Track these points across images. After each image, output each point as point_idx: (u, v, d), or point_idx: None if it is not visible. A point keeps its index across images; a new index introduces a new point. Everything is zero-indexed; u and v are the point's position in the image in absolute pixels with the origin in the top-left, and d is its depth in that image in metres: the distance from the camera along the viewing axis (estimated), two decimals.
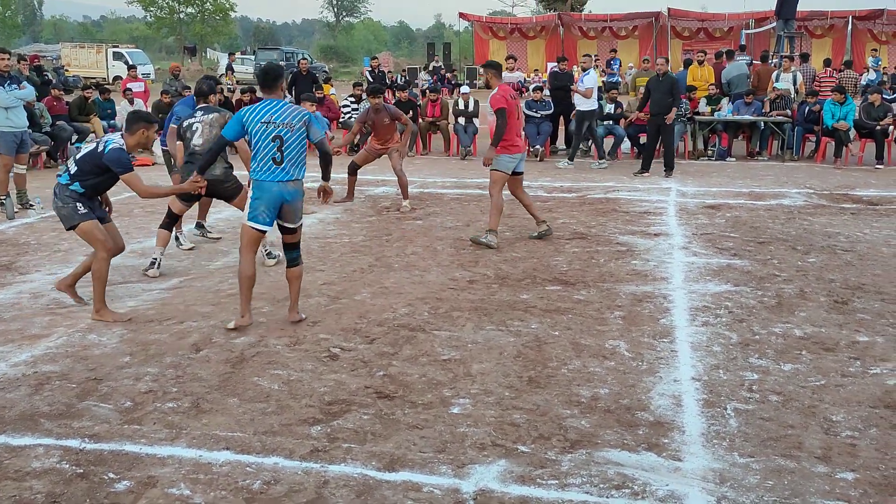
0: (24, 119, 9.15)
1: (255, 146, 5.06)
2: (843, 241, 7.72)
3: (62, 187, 5.46)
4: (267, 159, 5.04)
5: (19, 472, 3.46)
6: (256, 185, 5.10)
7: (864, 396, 4.24)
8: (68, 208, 5.43)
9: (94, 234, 5.45)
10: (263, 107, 5.09)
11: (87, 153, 5.45)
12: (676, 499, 3.27)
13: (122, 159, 5.35)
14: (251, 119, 5.05)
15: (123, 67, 32.13)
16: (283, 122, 5.04)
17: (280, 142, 5.02)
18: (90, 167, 5.41)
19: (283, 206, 5.15)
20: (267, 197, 5.09)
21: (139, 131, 5.54)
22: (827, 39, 33.92)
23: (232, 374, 4.52)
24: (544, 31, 37.50)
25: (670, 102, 11.49)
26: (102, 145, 5.38)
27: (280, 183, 5.08)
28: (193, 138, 6.64)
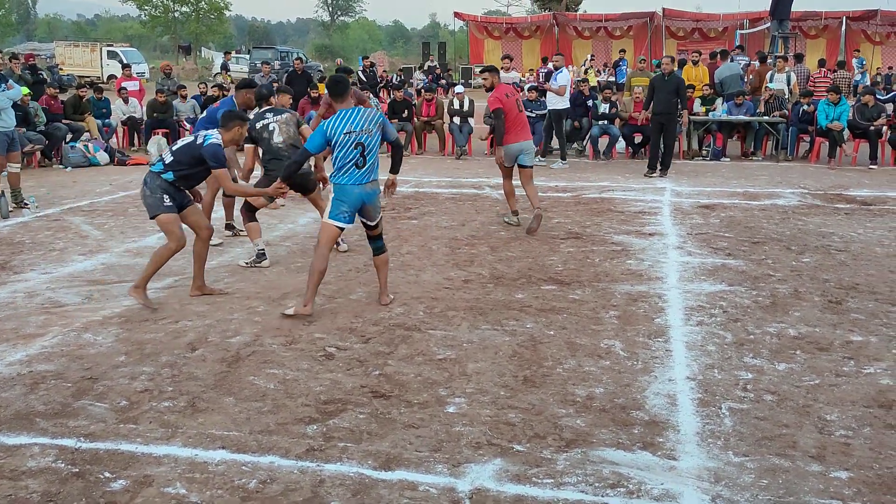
0: (13, 118, 9.20)
1: (339, 154, 5.37)
2: (837, 241, 7.75)
3: (154, 175, 5.67)
4: (350, 165, 5.38)
5: (15, 471, 3.46)
6: (339, 188, 5.42)
7: (858, 396, 4.26)
8: (155, 198, 5.63)
9: (172, 227, 5.66)
10: (343, 118, 5.38)
11: (185, 144, 5.68)
12: (671, 497, 3.28)
13: (218, 154, 5.59)
14: (334, 131, 5.34)
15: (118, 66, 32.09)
16: (364, 129, 5.38)
17: (363, 148, 5.37)
18: (186, 158, 5.62)
19: (364, 206, 5.51)
20: (350, 200, 5.43)
21: (234, 128, 5.77)
22: (821, 40, 34.03)
23: (228, 374, 4.52)
24: (539, 30, 37.54)
25: (676, 102, 11.42)
26: (202, 139, 5.62)
27: (361, 185, 5.43)
28: (273, 137, 6.86)
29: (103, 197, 10.15)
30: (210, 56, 55.06)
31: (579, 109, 14.14)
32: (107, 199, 9.99)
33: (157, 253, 5.74)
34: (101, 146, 13.53)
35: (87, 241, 7.77)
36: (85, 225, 8.53)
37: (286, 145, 6.83)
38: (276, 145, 6.84)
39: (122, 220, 8.80)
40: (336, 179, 5.43)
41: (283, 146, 6.83)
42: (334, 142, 5.36)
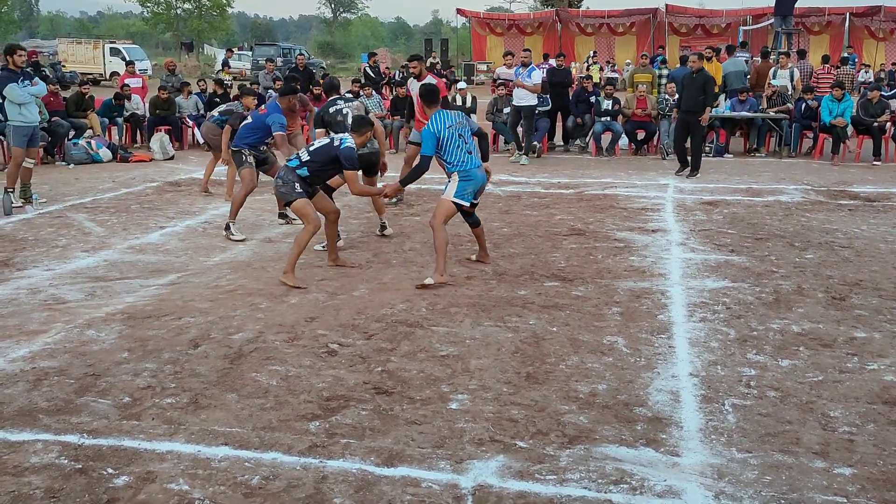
0: (36, 114, 9.27)
1: (449, 148, 6.19)
2: (840, 238, 7.73)
3: (289, 170, 6.22)
4: (462, 153, 6.21)
5: (18, 467, 3.46)
6: (465, 173, 6.21)
7: (861, 392, 4.25)
8: (287, 187, 6.21)
9: (307, 210, 6.21)
10: (440, 118, 6.26)
11: (324, 145, 6.26)
12: (674, 494, 3.28)
13: (353, 157, 6.17)
14: (440, 129, 6.19)
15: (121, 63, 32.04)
16: (458, 122, 6.28)
17: (463, 138, 6.23)
18: (323, 158, 6.20)
19: (482, 187, 6.39)
20: (476, 181, 6.27)
21: (366, 133, 6.40)
22: (824, 36, 33.94)
23: (230, 370, 4.52)
24: (542, 27, 37.49)
25: (703, 100, 11.17)
26: (338, 141, 6.23)
27: (478, 168, 6.28)
28: (347, 120, 7.42)
29: (106, 194, 10.15)
30: (212, 53, 55.07)
31: (582, 106, 14.13)
32: (109, 196, 9.99)
33: (299, 237, 6.21)
34: (103, 143, 13.53)
35: (90, 238, 7.77)
36: (87, 222, 8.53)
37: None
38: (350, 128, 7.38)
39: (124, 216, 8.80)
40: (460, 167, 6.19)
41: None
42: (442, 138, 6.17)
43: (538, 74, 12.93)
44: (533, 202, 9.62)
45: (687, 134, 11.54)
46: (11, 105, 8.87)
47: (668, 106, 13.48)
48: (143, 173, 11.91)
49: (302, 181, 6.19)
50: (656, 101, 13.86)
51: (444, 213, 6.24)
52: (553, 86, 14.23)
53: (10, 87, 8.77)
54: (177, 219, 8.71)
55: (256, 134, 7.81)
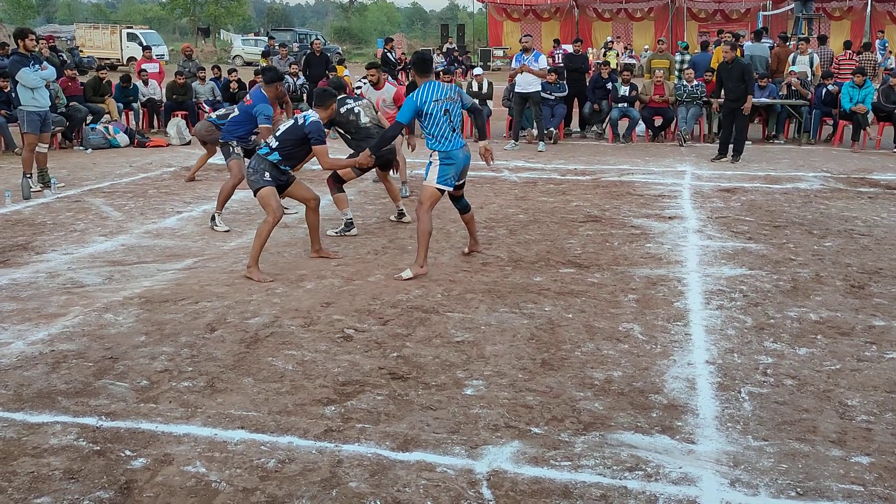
0: (48, 99, 9.26)
1: (431, 123, 5.87)
2: (860, 226, 7.66)
3: (259, 158, 6.06)
4: (447, 131, 5.89)
5: (37, 448, 3.50)
6: (446, 154, 5.91)
7: (879, 381, 4.22)
8: (257, 175, 6.02)
9: (269, 200, 6.00)
10: (428, 89, 5.88)
11: (289, 127, 6.06)
12: (690, 481, 3.27)
13: (321, 130, 6.01)
14: (424, 100, 5.83)
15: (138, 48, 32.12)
16: (447, 97, 5.90)
17: (449, 114, 5.88)
18: (291, 139, 6.01)
19: (464, 168, 6.08)
20: (457, 163, 5.97)
21: (331, 105, 6.21)
22: (845, 22, 33.50)
23: (246, 354, 4.54)
24: (559, 12, 37.24)
25: (744, 89, 11.11)
26: (302, 119, 6.04)
27: (462, 148, 5.99)
28: (360, 119, 7.46)
29: (123, 178, 10.20)
30: (229, 38, 55.12)
31: (599, 92, 14.04)
32: (127, 181, 10.04)
33: (259, 230, 6.02)
34: (120, 128, 13.59)
35: (108, 223, 7.82)
36: (105, 206, 8.58)
37: (373, 125, 7.48)
38: (364, 125, 7.43)
39: (141, 201, 8.85)
40: (441, 147, 5.90)
41: (371, 125, 7.46)
42: (426, 111, 5.83)
43: (544, 59, 12.87)
44: (549, 188, 9.58)
45: (732, 122, 11.48)
46: (24, 90, 8.87)
47: (686, 92, 13.38)
48: (160, 158, 11.97)
49: (273, 168, 6.02)
50: (674, 87, 13.75)
51: (430, 199, 5.97)
52: (570, 72, 14.15)
53: (22, 71, 8.78)
54: (193, 203, 8.74)
55: (244, 126, 7.49)
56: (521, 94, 12.68)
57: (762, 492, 3.20)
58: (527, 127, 13.64)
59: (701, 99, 13.43)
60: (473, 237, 6.56)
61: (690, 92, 13.37)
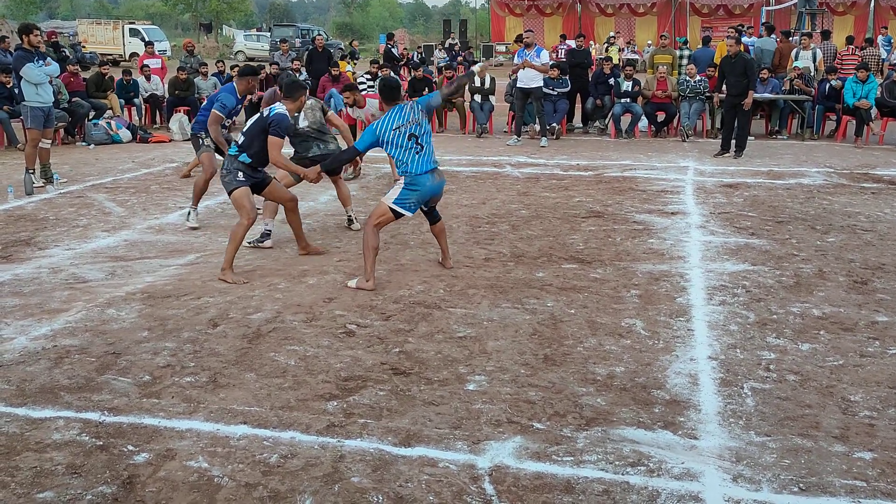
0: (52, 94, 9.24)
1: (395, 151, 5.57)
2: (863, 221, 7.64)
3: (231, 159, 5.93)
4: (410, 154, 5.56)
5: (40, 443, 3.51)
6: (412, 178, 5.57)
7: (882, 376, 4.21)
8: (230, 176, 5.90)
9: (243, 202, 5.87)
10: (389, 117, 5.60)
11: (254, 122, 5.92)
12: (692, 476, 3.27)
13: (284, 122, 5.84)
14: (383, 130, 5.56)
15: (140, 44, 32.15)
16: (411, 120, 5.58)
17: (415, 137, 5.57)
18: (256, 133, 5.85)
19: (432, 198, 5.77)
20: (423, 191, 5.62)
21: (300, 97, 6.03)
22: (849, 17, 33.42)
23: (249, 350, 4.54)
24: (562, 7, 37.16)
25: (746, 84, 11.07)
26: (267, 111, 5.89)
27: (430, 173, 5.62)
28: (298, 122, 7.01)
29: (126, 174, 10.21)
30: (231, 34, 55.07)
31: (601, 87, 14.02)
32: (129, 177, 10.05)
33: (233, 231, 5.92)
34: (123, 124, 13.60)
35: (110, 218, 7.83)
36: (108, 202, 8.59)
37: (312, 129, 7.09)
38: (302, 129, 7.07)
39: (144, 197, 8.85)
40: (406, 169, 5.58)
41: (310, 129, 7.08)
42: (385, 140, 5.55)
43: (546, 54, 12.84)
44: (551, 184, 9.57)
45: (734, 117, 11.45)
46: (28, 85, 8.86)
47: (689, 87, 13.35)
48: (162, 154, 11.96)
49: (246, 167, 5.86)
50: (676, 82, 13.72)
51: (379, 217, 5.63)
52: (572, 67, 14.13)
53: (27, 66, 8.77)
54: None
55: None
56: (524, 89, 12.65)
57: (764, 487, 3.19)
58: (529, 122, 13.63)
59: (704, 94, 13.40)
60: (444, 252, 6.12)
61: (693, 87, 13.34)
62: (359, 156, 5.95)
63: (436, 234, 6.08)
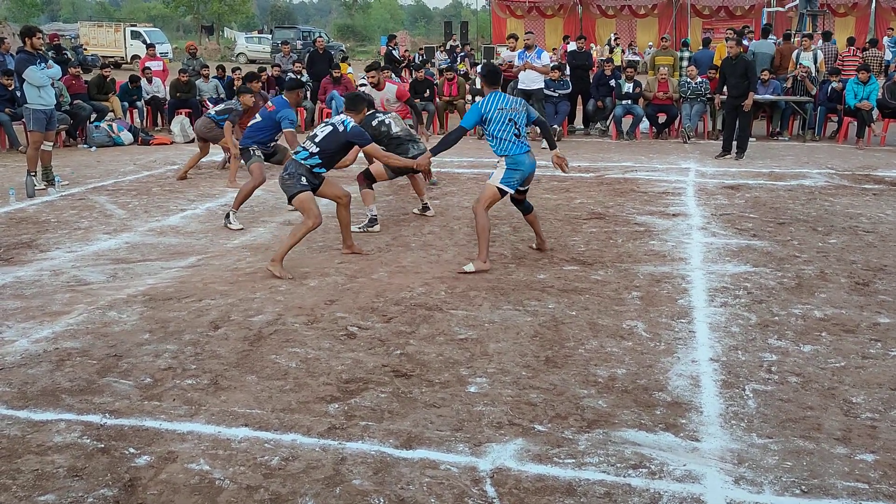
0: (54, 97, 9.26)
1: (496, 129, 6.02)
2: (864, 223, 7.63)
3: (297, 163, 6.09)
4: (511, 136, 6.03)
5: (41, 446, 3.51)
6: (513, 158, 6.04)
7: (884, 378, 4.21)
8: (293, 180, 6.04)
9: (310, 205, 6.06)
10: (494, 98, 6.08)
11: (329, 134, 6.12)
12: (694, 479, 3.26)
13: (364, 133, 6.18)
14: (489, 108, 6.03)
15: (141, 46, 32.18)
16: (512, 108, 6.07)
17: (514, 123, 6.04)
18: (333, 145, 6.10)
19: (530, 174, 6.20)
20: (524, 167, 6.09)
21: (363, 110, 6.40)
22: (850, 18, 33.36)
23: (250, 352, 4.54)
24: (562, 9, 37.09)
25: (746, 86, 11.07)
26: (342, 126, 6.12)
27: (527, 154, 6.09)
28: (392, 129, 7.65)
29: (127, 176, 10.22)
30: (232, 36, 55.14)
31: (603, 89, 14.02)
32: (131, 179, 10.05)
33: (296, 229, 6.10)
34: (124, 126, 13.61)
35: (112, 221, 7.83)
36: (109, 204, 8.60)
37: (404, 134, 7.71)
38: (395, 134, 7.62)
39: (145, 199, 8.86)
40: (507, 151, 6.03)
41: (402, 134, 7.68)
42: (489, 117, 6.01)
43: (547, 56, 12.86)
44: (553, 185, 9.58)
45: (735, 118, 11.44)
46: (31, 88, 8.88)
47: (690, 89, 13.35)
48: (163, 156, 11.98)
49: (309, 173, 6.06)
50: (678, 83, 13.72)
51: (488, 198, 6.12)
52: (573, 69, 14.13)
53: (30, 69, 8.79)
54: (197, 201, 8.75)
55: (266, 132, 7.72)
56: (524, 91, 12.65)
57: (766, 489, 3.19)
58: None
59: (705, 96, 13.40)
60: (539, 236, 6.62)
61: (694, 89, 13.34)
62: (466, 133, 6.25)
63: (530, 221, 6.59)
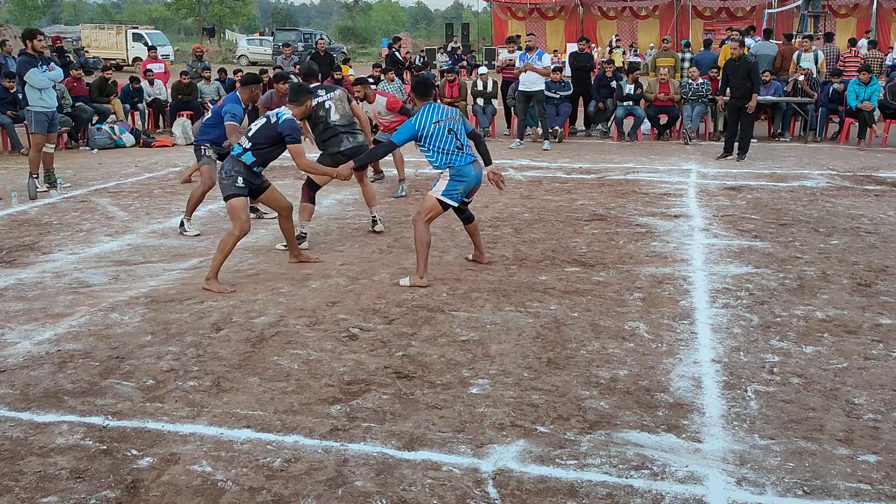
0: (55, 99, 9.27)
1: (435, 143, 5.74)
2: (866, 223, 7.63)
3: (233, 161, 5.81)
4: (452, 148, 5.74)
5: (44, 448, 3.51)
6: (457, 170, 5.75)
7: (887, 379, 4.20)
8: (229, 180, 5.77)
9: (239, 212, 5.75)
10: (427, 111, 5.80)
11: (261, 126, 5.81)
12: (696, 480, 3.26)
13: (296, 128, 5.81)
14: (423, 123, 5.75)
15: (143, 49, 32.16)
16: (449, 117, 5.80)
17: (454, 133, 5.77)
18: (264, 139, 5.78)
19: (474, 186, 5.92)
20: (469, 180, 5.80)
21: (306, 102, 5.99)
22: (851, 19, 33.35)
23: (252, 354, 4.55)
24: (563, 11, 37.13)
25: (749, 87, 11.08)
26: (275, 117, 5.79)
27: (472, 164, 5.81)
28: (330, 115, 6.87)
29: (129, 179, 10.23)
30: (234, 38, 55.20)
31: (604, 90, 14.03)
32: (132, 181, 10.06)
33: (223, 241, 5.79)
34: (126, 128, 13.63)
35: (114, 223, 7.84)
36: (111, 206, 8.60)
37: (342, 123, 6.89)
38: (333, 123, 6.87)
39: (147, 201, 8.87)
40: (450, 162, 5.74)
41: (340, 123, 6.88)
42: (426, 133, 5.72)
43: (548, 57, 12.88)
44: (554, 187, 9.58)
45: (738, 120, 11.44)
46: (32, 90, 8.89)
47: (691, 90, 13.35)
48: (165, 158, 11.99)
49: (248, 170, 5.76)
50: (679, 85, 13.72)
51: (429, 210, 5.78)
52: (575, 70, 14.14)
53: (31, 71, 8.81)
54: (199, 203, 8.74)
55: (217, 129, 7.24)
56: (525, 92, 12.66)
57: (769, 490, 3.19)
58: (531, 125, 13.64)
59: (706, 97, 13.41)
60: (478, 248, 6.33)
61: (696, 90, 13.34)
62: (395, 149, 6.01)
63: (470, 232, 6.27)
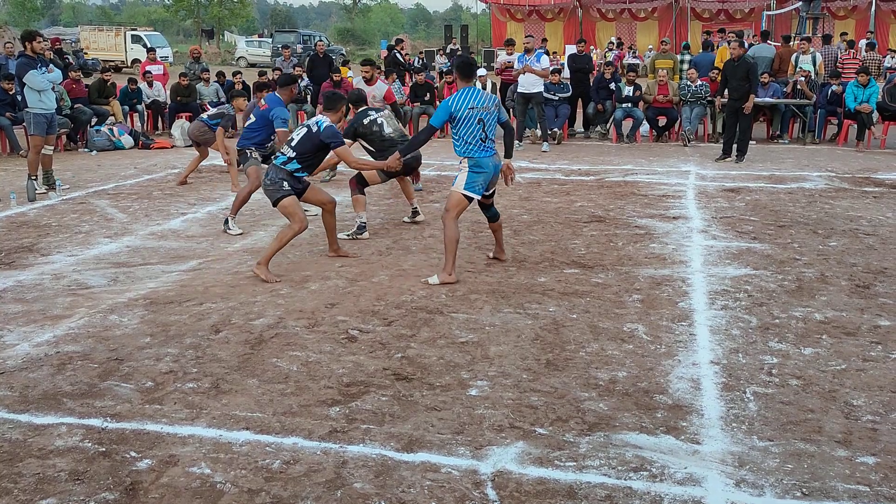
0: (54, 101, 9.26)
1: (463, 130, 5.78)
2: (865, 225, 7.64)
3: (277, 168, 6.02)
4: (477, 140, 5.79)
5: (42, 450, 3.51)
6: (476, 161, 5.81)
7: (885, 381, 4.21)
8: (275, 185, 5.99)
9: (294, 209, 6.02)
10: (466, 95, 5.80)
11: (304, 135, 6.01)
12: (695, 481, 3.27)
13: (337, 133, 6.05)
14: (459, 106, 5.76)
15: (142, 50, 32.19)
16: (484, 107, 5.79)
17: (483, 124, 5.78)
18: (309, 147, 5.99)
19: (493, 177, 5.96)
20: (487, 171, 5.86)
21: (342, 108, 6.22)
22: (850, 21, 33.39)
23: (251, 356, 4.55)
24: (562, 13, 37.17)
25: (747, 88, 11.08)
26: (315, 126, 6.00)
27: (492, 157, 5.88)
28: (384, 129, 7.41)
29: (128, 180, 10.23)
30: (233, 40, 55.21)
31: (602, 92, 14.04)
32: (131, 183, 10.07)
33: (282, 233, 6.06)
34: (125, 130, 13.63)
35: (113, 224, 7.84)
36: (110, 208, 8.60)
37: (397, 135, 7.43)
38: (388, 136, 7.38)
39: (146, 203, 8.87)
40: (470, 153, 5.81)
41: (395, 135, 7.41)
42: (459, 116, 5.75)
43: (546, 59, 12.89)
44: (553, 189, 9.58)
45: (736, 121, 11.44)
46: (31, 92, 8.89)
47: (690, 92, 13.37)
48: (164, 160, 11.99)
49: (291, 177, 5.98)
50: (678, 87, 13.73)
51: (456, 206, 5.86)
52: (574, 72, 14.16)
53: (30, 73, 8.80)
54: (198, 205, 8.76)
55: (262, 132, 7.44)
56: (524, 94, 12.67)
57: (767, 492, 3.19)
58: (530, 127, 13.65)
59: (705, 99, 13.42)
60: (500, 245, 6.41)
61: (694, 92, 13.36)
62: (435, 132, 6.09)
63: (493, 230, 6.36)
